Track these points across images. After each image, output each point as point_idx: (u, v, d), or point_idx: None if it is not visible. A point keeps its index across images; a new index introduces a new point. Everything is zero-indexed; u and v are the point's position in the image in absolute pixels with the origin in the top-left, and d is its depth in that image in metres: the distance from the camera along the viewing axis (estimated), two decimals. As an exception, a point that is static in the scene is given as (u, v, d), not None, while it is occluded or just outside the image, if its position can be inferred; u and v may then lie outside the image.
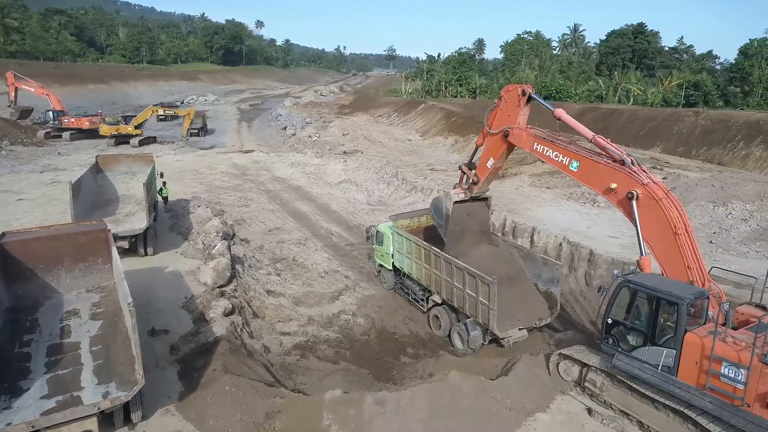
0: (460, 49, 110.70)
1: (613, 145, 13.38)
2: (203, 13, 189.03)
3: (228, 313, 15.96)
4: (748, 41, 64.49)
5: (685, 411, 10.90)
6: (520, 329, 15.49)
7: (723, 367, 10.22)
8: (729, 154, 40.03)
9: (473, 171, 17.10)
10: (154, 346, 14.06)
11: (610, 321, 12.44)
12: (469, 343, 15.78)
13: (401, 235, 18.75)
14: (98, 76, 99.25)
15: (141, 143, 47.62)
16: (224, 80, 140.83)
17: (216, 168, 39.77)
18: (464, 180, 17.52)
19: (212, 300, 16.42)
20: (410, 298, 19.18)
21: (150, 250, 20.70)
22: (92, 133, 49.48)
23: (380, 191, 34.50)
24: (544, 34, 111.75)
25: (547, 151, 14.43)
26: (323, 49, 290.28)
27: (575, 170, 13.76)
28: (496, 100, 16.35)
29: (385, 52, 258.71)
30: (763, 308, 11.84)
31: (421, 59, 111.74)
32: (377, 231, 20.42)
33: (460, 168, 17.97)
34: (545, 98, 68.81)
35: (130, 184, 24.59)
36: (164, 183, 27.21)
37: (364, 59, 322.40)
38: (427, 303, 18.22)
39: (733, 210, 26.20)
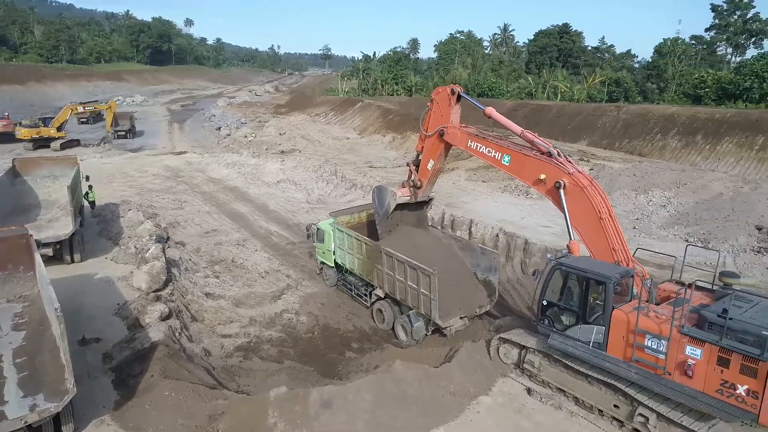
0: (394, 48, 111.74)
1: (540, 138, 14.05)
2: (128, 11, 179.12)
3: (165, 318, 15.43)
4: (662, 40, 68.90)
5: (615, 383, 11.58)
6: (461, 318, 15.87)
7: (646, 340, 10.91)
8: (648, 146, 42.66)
9: (417, 174, 17.42)
10: (86, 356, 13.40)
11: (545, 303, 12.96)
12: (413, 334, 16.01)
13: (342, 232, 18.75)
14: (13, 76, 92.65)
15: (63, 147, 44.98)
16: (152, 80, 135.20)
17: (147, 170, 38.21)
18: (412, 177, 17.74)
19: (147, 305, 15.81)
20: (353, 293, 19.22)
21: (77, 256, 19.63)
22: (6, 137, 45.95)
23: (319, 189, 34.31)
24: (476, 33, 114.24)
25: (480, 147, 15.07)
26: (256, 49, 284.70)
27: (507, 164, 14.40)
28: (428, 104, 16.81)
29: (321, 52, 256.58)
30: (682, 284, 12.72)
31: (357, 58, 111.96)
32: (318, 228, 20.31)
33: (408, 165, 18.23)
34: (479, 96, 71.15)
35: (52, 188, 23.13)
36: (90, 187, 25.88)
37: (300, 59, 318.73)
38: (370, 298, 18.31)
39: (653, 197, 27.98)
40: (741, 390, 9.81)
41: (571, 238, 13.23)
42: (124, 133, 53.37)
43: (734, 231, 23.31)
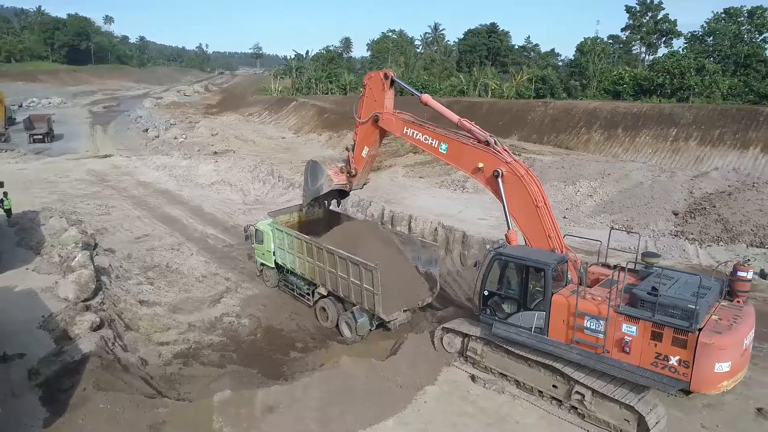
0: (327, 47, 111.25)
1: (477, 127, 14.18)
2: (39, 7, 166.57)
3: (96, 328, 14.62)
4: (582, 39, 72.54)
5: (553, 364, 12.12)
6: (404, 311, 16.06)
7: (585, 321, 11.43)
8: (574, 139, 44.84)
9: (353, 162, 17.11)
10: (8, 374, 12.48)
11: (486, 293, 13.18)
12: (357, 330, 16.03)
13: (282, 231, 18.48)
14: None
15: None
16: (71, 81, 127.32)
17: (69, 175, 36.06)
18: (349, 165, 17.36)
19: (76, 315, 14.92)
20: (295, 293, 19.00)
21: (-7, 269, 18.23)
22: None
23: (256, 190, 33.63)
24: (408, 33, 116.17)
25: (417, 134, 14.90)
26: (183, 47, 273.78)
27: (444, 152, 14.39)
28: (361, 89, 16.58)
29: (251, 51, 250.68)
30: (608, 266, 13.47)
31: (289, 57, 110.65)
32: (256, 229, 19.91)
33: (347, 150, 17.77)
34: (412, 94, 71.99)
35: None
36: (5, 194, 24.09)
37: (230, 58, 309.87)
38: (313, 296, 18.17)
39: (580, 188, 29.44)
40: (673, 361, 10.50)
41: (509, 228, 13.50)
42: (41, 136, 50.07)
43: (654, 216, 24.95)
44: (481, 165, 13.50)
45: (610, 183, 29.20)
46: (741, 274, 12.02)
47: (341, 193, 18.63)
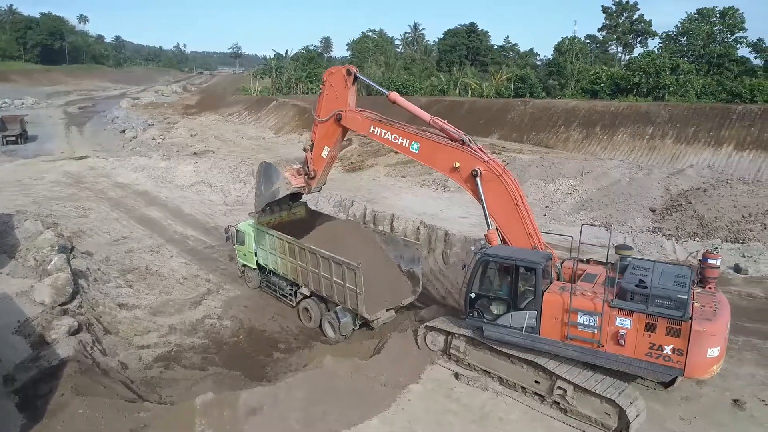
0: (307, 46, 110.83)
1: (451, 125, 13.83)
2: (11, 6, 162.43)
3: (74, 332, 14.35)
4: (560, 39, 73.39)
5: (535, 360, 12.25)
6: (388, 310, 16.06)
7: (579, 317, 11.51)
8: (553, 138, 45.33)
9: (312, 163, 16.23)
10: (-17, 381, 12.18)
11: (473, 295, 12.90)
12: (341, 330, 16.00)
13: (263, 232, 18.35)
14: None
15: None
16: (44, 81, 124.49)
17: (44, 177, 35.31)
18: (307, 166, 16.51)
19: (53, 320, 14.62)
20: (278, 294, 18.87)
21: (-34, 273, 17.77)
22: None
23: (237, 191, 33.30)
24: (388, 32, 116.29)
25: (385, 133, 14.27)
26: (161, 47, 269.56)
27: (416, 152, 13.85)
28: (320, 86, 15.71)
29: (230, 50, 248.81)
30: (581, 260, 13.65)
31: (269, 57, 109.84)
32: (237, 230, 19.73)
33: (305, 151, 16.67)
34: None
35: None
36: (-22, 197, 23.51)
37: (208, 57, 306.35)
38: (296, 297, 18.07)
39: (560, 186, 29.78)
40: (667, 350, 10.77)
41: (488, 227, 13.40)
42: (14, 138, 49.01)
43: (632, 213, 25.36)
44: (457, 164, 13.19)
45: (589, 181, 29.59)
46: (711, 261, 12.44)
47: (293, 196, 18.02)
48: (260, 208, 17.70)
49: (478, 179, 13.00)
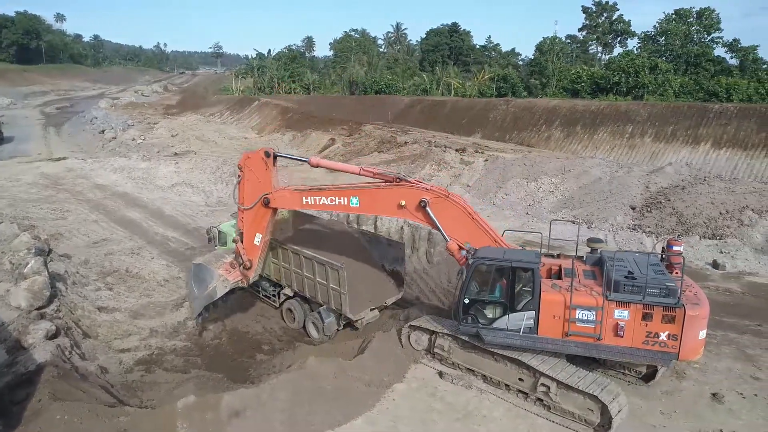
0: (289, 46, 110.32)
1: (381, 168, 13.83)
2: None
3: (51, 337, 14.02)
4: (542, 39, 74.06)
5: (518, 358, 12.32)
6: (371, 310, 16.05)
7: (578, 313, 11.61)
8: (535, 137, 45.71)
9: (245, 254, 15.37)
10: (-43, 388, 11.86)
11: (467, 301, 12.70)
12: (325, 330, 15.94)
13: (246, 232, 18.14)
14: None
15: None
16: (20, 81, 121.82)
17: (20, 179, 34.57)
18: (240, 258, 15.58)
19: (30, 324, 14.28)
20: (261, 295, 18.72)
21: (-62, 278, 17.29)
22: None
23: (219, 191, 32.98)
24: (370, 32, 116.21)
25: (320, 200, 13.91)
26: (140, 47, 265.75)
27: (358, 206, 13.53)
28: (238, 174, 15.11)
29: (211, 50, 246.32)
30: (552, 256, 13.77)
31: (250, 56, 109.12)
32: (219, 231, 19.52)
33: (235, 243, 15.77)
34: (376, 93, 71.95)
35: None
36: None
37: (189, 57, 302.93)
38: (279, 298, 17.95)
39: (542, 184, 30.02)
40: (663, 336, 11.19)
41: (447, 240, 13.09)
42: (-12, 139, 48.02)
43: (613, 211, 25.65)
44: (403, 202, 12.92)
45: (570, 179, 29.86)
46: (676, 248, 12.77)
47: None
48: (198, 313, 16.11)
49: (428, 208, 12.83)
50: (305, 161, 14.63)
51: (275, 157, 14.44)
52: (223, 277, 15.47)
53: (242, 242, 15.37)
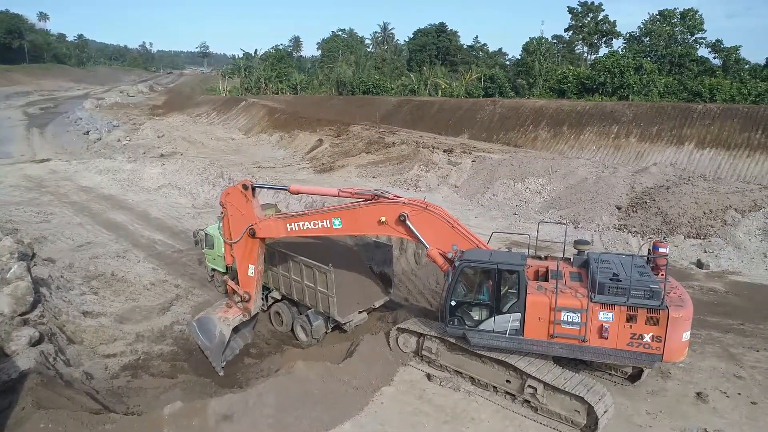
0: (276, 46, 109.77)
1: (359, 188, 13.88)
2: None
3: (35, 343, 13.84)
4: (528, 39, 74.45)
5: (505, 359, 12.40)
6: (360, 312, 16.01)
7: (563, 315, 11.69)
8: (522, 137, 45.93)
9: (240, 287, 15.38)
10: (-63, 396, 11.66)
11: (453, 303, 12.76)
12: (313, 333, 15.89)
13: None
14: None
15: None
16: (3, 81, 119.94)
17: (2, 182, 34.13)
18: (236, 293, 15.56)
19: (12, 331, 14.06)
20: (248, 298, 18.60)
21: None
22: None
23: (206, 193, 32.77)
24: (358, 32, 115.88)
25: (304, 225, 14.01)
26: (126, 46, 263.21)
27: (340, 227, 13.64)
28: (221, 210, 15.13)
29: (198, 49, 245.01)
30: (539, 258, 13.86)
31: (237, 56, 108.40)
32: (206, 234, 19.37)
33: (225, 283, 16.00)
34: (364, 93, 71.84)
35: None
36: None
37: (175, 57, 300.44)
38: (267, 301, 17.84)
39: (529, 185, 30.20)
40: (647, 338, 11.27)
41: (427, 247, 13.15)
42: (-30, 141, 47.24)
43: (599, 211, 25.89)
44: (383, 218, 13.04)
45: (557, 179, 30.08)
46: (661, 250, 12.95)
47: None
48: (220, 365, 15.02)
49: (407, 222, 12.89)
50: (285, 189, 14.80)
51: (254, 188, 14.53)
52: (223, 317, 15.39)
53: (232, 279, 15.59)
